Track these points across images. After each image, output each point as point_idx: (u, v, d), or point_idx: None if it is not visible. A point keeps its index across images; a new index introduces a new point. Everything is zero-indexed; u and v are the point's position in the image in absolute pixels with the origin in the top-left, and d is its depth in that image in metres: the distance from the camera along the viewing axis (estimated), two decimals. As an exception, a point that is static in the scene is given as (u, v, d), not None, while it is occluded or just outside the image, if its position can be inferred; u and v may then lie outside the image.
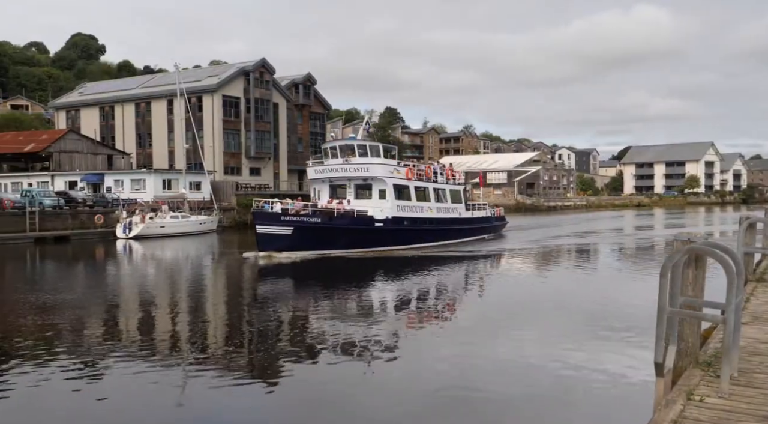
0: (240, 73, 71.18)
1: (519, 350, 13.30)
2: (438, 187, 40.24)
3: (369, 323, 16.32)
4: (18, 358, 13.04)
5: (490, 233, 45.41)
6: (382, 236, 34.03)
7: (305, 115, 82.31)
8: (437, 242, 37.97)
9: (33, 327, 16.17)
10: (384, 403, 10.37)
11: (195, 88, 67.81)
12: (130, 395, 10.78)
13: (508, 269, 29.75)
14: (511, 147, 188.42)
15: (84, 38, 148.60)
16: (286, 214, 31.47)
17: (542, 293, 21.38)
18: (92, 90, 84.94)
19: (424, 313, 18.56)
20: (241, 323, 16.98)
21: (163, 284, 25.24)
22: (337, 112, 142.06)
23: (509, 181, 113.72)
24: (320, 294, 21.54)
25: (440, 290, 22.66)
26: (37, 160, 69.71)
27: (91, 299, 20.76)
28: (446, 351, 13.39)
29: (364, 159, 35.29)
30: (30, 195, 46.76)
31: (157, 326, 16.83)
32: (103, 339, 15.04)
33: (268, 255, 30.67)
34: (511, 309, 18.48)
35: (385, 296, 21.46)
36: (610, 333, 14.57)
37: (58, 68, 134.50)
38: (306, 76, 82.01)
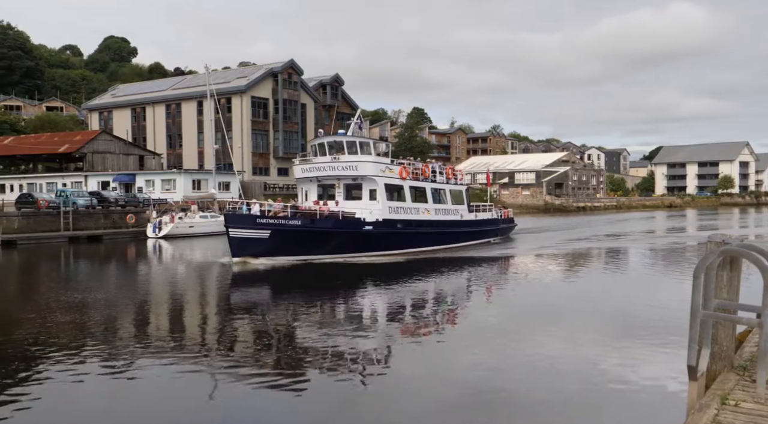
0: (268, 75, 71.80)
1: (546, 353, 13.14)
2: (437, 188, 37.59)
3: (375, 330, 16.07)
4: (53, 354, 13.33)
5: (496, 235, 43.02)
6: (372, 240, 31.47)
7: (333, 115, 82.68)
8: (436, 246, 35.44)
9: (67, 325, 16.51)
10: (411, 407, 10.34)
11: (224, 90, 68.58)
12: (157, 392, 10.94)
13: (521, 272, 27.83)
14: (540, 147, 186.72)
15: (116, 41, 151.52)
16: (263, 216, 29.13)
17: (567, 296, 21.09)
18: (124, 92, 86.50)
19: (436, 317, 18.44)
20: (197, 330, 17.08)
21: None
22: (364, 112, 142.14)
23: (537, 181, 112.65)
24: (301, 303, 19.74)
25: (443, 295, 21.82)
26: (71, 161, 71.25)
27: (121, 298, 21.13)
28: (467, 356, 13.28)
29: (354, 157, 32.54)
30: (64, 195, 47.75)
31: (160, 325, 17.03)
32: (132, 337, 15.30)
33: (242, 261, 28.32)
34: (534, 312, 18.27)
35: (384, 302, 20.09)
36: (641, 336, 14.33)
37: (91, 71, 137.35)
38: (334, 76, 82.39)
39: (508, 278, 25.94)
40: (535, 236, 48.48)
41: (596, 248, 38.18)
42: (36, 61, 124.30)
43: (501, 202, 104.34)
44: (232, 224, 28.25)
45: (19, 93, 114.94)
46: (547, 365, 12.20)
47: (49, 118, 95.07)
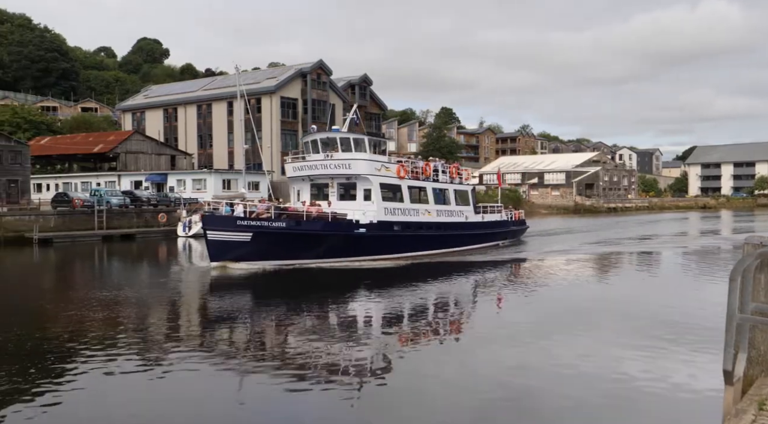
0: (298, 75, 72.30)
1: (574, 356, 12.98)
2: (439, 187, 35.34)
3: (371, 338, 15.75)
4: (86, 350, 13.60)
5: (505, 238, 40.79)
6: (366, 244, 29.47)
7: (361, 115, 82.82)
8: (438, 249, 33.43)
9: (100, 321, 16.85)
10: (438, 414, 10.31)
11: (254, 90, 69.22)
12: (183, 387, 11.10)
13: (533, 276, 26.53)
14: (570, 147, 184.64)
15: (149, 43, 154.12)
16: (244, 217, 27.12)
17: (590, 300, 20.80)
18: (156, 92, 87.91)
19: (450, 321, 18.33)
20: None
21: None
22: (392, 112, 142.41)
23: (567, 182, 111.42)
24: (280, 311, 18.59)
25: (451, 300, 21.06)
26: (105, 161, 72.67)
27: (152, 296, 21.47)
28: (491, 361, 13.18)
29: (347, 155, 30.57)
30: (98, 194, 48.72)
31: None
32: (162, 334, 15.54)
33: (221, 265, 26.60)
34: (557, 316, 18.04)
35: (378, 309, 19.01)
36: (673, 340, 14.07)
37: (124, 72, 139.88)
38: (362, 76, 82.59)
39: (519, 282, 24.74)
40: (551, 238, 46.77)
41: (619, 252, 36.40)
42: (72, 63, 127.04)
43: (530, 202, 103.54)
44: (210, 226, 26.45)
45: (55, 94, 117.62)
46: (576, 369, 12.05)
47: (84, 118, 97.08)
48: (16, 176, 53.15)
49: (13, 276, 28.93)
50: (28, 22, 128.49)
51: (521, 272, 28.49)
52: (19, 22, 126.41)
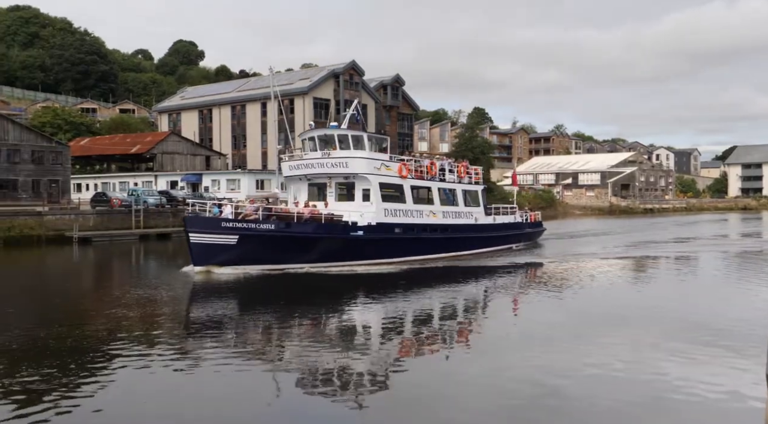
0: (330, 76, 72.66)
1: (608, 361, 12.73)
2: (446, 187, 33.49)
3: (371, 347, 15.34)
4: (123, 347, 13.87)
5: (519, 241, 38.80)
6: (363, 247, 27.87)
7: (393, 115, 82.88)
8: (444, 253, 31.70)
9: (137, 319, 17.17)
10: (469, 415, 10.25)
11: (287, 91, 69.78)
12: (212, 385, 11.23)
13: (551, 281, 25.15)
14: (605, 147, 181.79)
15: (185, 45, 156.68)
16: (229, 219, 25.52)
17: (627, 304, 20.42)
18: (192, 94, 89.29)
19: (471, 325, 18.15)
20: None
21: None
22: (424, 112, 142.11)
23: (602, 182, 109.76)
24: (267, 318, 17.71)
25: (465, 305, 20.21)
26: (142, 161, 74.10)
27: (186, 295, 21.79)
28: (522, 363, 13.03)
29: (345, 152, 29.04)
30: (136, 194, 49.71)
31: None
32: (196, 333, 15.77)
33: (205, 270, 24.93)
34: (588, 320, 17.76)
35: (377, 316, 18.13)
36: (712, 344, 13.73)
37: (161, 74, 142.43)
38: (394, 77, 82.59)
39: (538, 287, 23.40)
40: (576, 240, 45.18)
41: (652, 255, 34.60)
42: (110, 66, 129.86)
43: (564, 203, 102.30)
44: (193, 228, 24.73)
45: (94, 96, 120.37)
46: (610, 373, 11.85)
47: (122, 120, 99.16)
48: (57, 176, 54.61)
49: (55, 275, 29.69)
50: (68, 25, 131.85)
51: (539, 276, 27.04)
52: (60, 26, 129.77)
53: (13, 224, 39.92)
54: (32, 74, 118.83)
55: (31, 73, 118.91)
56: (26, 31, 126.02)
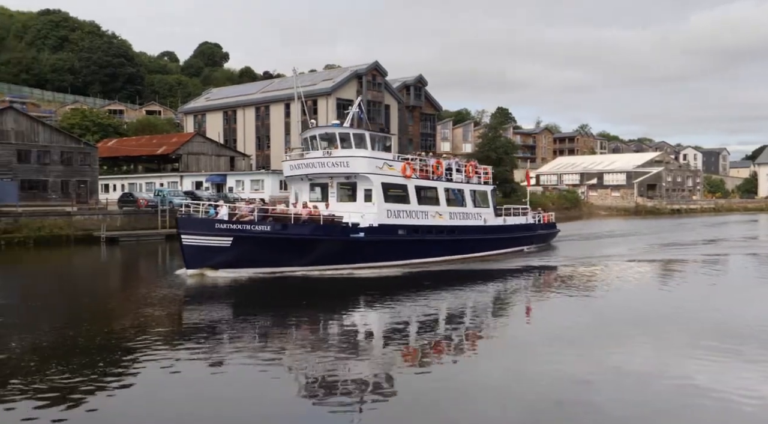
0: (353, 76, 72.85)
1: (634, 364, 12.60)
2: (453, 187, 32.47)
3: (373, 353, 15.18)
4: (149, 346, 14.07)
5: (531, 243, 37.73)
6: (364, 249, 26.95)
7: (416, 116, 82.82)
8: (451, 255, 30.82)
9: (163, 318, 17.39)
10: (491, 418, 10.21)
11: (311, 92, 70.13)
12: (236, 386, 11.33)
13: (564, 284, 24.72)
14: (631, 147, 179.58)
15: (210, 47, 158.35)
16: (223, 220, 24.73)
17: (650, 307, 20.13)
18: (216, 95, 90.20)
19: (486, 328, 18.03)
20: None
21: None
22: (447, 113, 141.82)
23: (628, 182, 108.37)
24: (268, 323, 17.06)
25: (478, 308, 20.35)
26: (168, 162, 75.06)
27: (210, 294, 21.99)
28: (544, 367, 12.93)
29: (346, 151, 28.16)
30: (162, 194, 50.33)
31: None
32: (222, 333, 15.90)
33: (199, 273, 24.16)
34: (611, 322, 17.56)
35: (378, 319, 17.70)
36: (742, 349, 13.49)
37: (186, 75, 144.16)
38: (417, 77, 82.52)
39: (553, 290, 23.06)
40: (593, 242, 43.87)
41: (678, 258, 33.43)
42: (137, 68, 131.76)
43: (588, 204, 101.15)
44: (186, 230, 23.91)
45: (121, 98, 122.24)
46: (636, 377, 11.71)
47: (148, 121, 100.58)
48: (85, 177, 55.57)
49: (83, 274, 30.22)
50: (97, 29, 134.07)
51: (553, 279, 26.43)
52: (89, 29, 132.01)
53: (44, 224, 40.69)
54: (62, 77, 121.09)
55: (60, 76, 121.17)
56: (56, 34, 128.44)
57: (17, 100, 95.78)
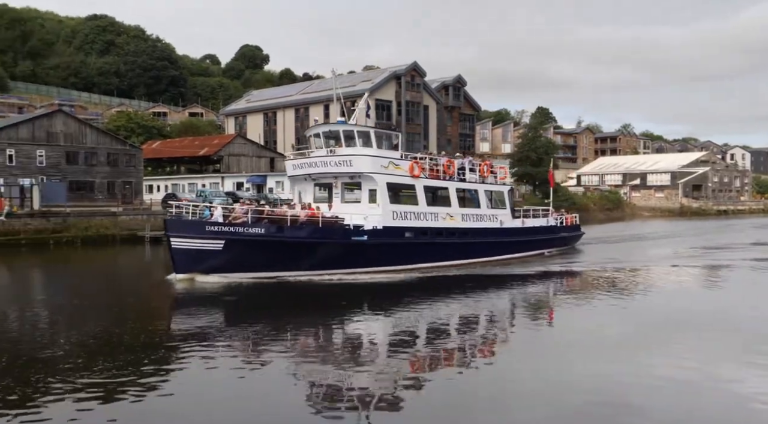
0: (392, 77, 72.90)
1: (674, 370, 12.24)
2: (466, 188, 30.99)
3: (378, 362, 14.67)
4: (191, 344, 14.30)
5: (552, 247, 35.93)
6: (367, 253, 25.46)
7: (455, 116, 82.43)
8: (463, 259, 29.35)
9: (202, 316, 17.64)
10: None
11: (350, 93, 70.40)
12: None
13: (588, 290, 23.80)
14: (675, 147, 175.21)
15: (251, 49, 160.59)
16: (214, 222, 23.48)
17: (694, 311, 19.56)
18: (257, 97, 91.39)
19: (513, 332, 17.72)
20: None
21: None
22: (486, 113, 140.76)
23: (672, 183, 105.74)
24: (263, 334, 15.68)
25: (498, 312, 19.89)
26: (210, 163, 76.35)
27: (248, 294, 22.16)
28: (579, 371, 12.68)
29: (350, 150, 26.77)
30: (203, 195, 51.22)
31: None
32: (263, 333, 16.04)
33: (189, 278, 22.95)
34: (653, 328, 17.09)
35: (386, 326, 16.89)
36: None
37: (228, 78, 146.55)
38: (456, 77, 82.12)
39: (580, 295, 22.08)
40: (628, 245, 41.70)
41: (723, 263, 31.32)
42: (180, 71, 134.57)
43: (631, 204, 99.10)
44: (174, 232, 22.79)
45: (165, 100, 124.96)
46: (679, 383, 11.39)
47: (191, 123, 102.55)
48: (130, 178, 56.98)
49: (128, 273, 30.99)
50: (141, 33, 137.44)
51: (581, 283, 25.57)
52: (134, 33, 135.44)
53: (90, 223, 41.83)
54: (108, 80, 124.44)
55: (107, 80, 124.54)
56: (103, 39, 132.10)
57: (66, 104, 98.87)
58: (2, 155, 49.31)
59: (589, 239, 42.37)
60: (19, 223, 39.67)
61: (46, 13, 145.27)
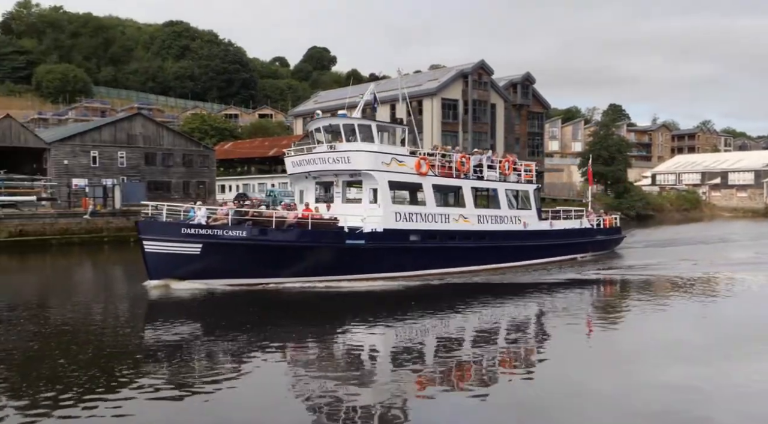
0: (459, 76, 72.37)
1: (752, 377, 11.56)
2: (483, 186, 28.87)
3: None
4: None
5: (585, 251, 33.19)
6: (365, 258, 23.31)
7: (523, 115, 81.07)
8: (479, 265, 26.97)
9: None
10: None
11: (416, 93, 70.37)
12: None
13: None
14: (760, 144, 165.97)
15: (318, 51, 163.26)
16: (191, 225, 21.49)
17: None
18: (324, 98, 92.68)
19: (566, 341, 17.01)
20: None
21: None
22: (556, 111, 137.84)
23: (757, 182, 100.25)
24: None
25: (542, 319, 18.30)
26: (279, 163, 77.81)
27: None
28: (654, 380, 12.14)
29: (348, 145, 24.67)
30: (273, 194, 52.34)
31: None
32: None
33: (163, 284, 21.24)
34: (731, 339, 16.19)
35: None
36: None
37: (296, 79, 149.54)
38: (524, 75, 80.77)
39: (614, 306, 20.41)
40: (693, 248, 37.50)
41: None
42: (251, 73, 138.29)
43: (710, 204, 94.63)
44: (148, 235, 21.08)
45: (236, 102, 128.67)
46: (757, 391, 10.75)
47: (261, 124, 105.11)
48: (204, 178, 58.99)
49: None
50: (215, 37, 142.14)
51: (621, 291, 23.75)
52: (208, 38, 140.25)
53: (167, 222, 43.50)
54: (183, 84, 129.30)
55: (182, 83, 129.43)
56: (178, 44, 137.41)
57: (144, 107, 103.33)
58: (87, 157, 51.99)
59: (660, 240, 40.04)
60: (102, 221, 41.75)
61: (126, 20, 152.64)
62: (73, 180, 50.63)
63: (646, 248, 38.94)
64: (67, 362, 12.68)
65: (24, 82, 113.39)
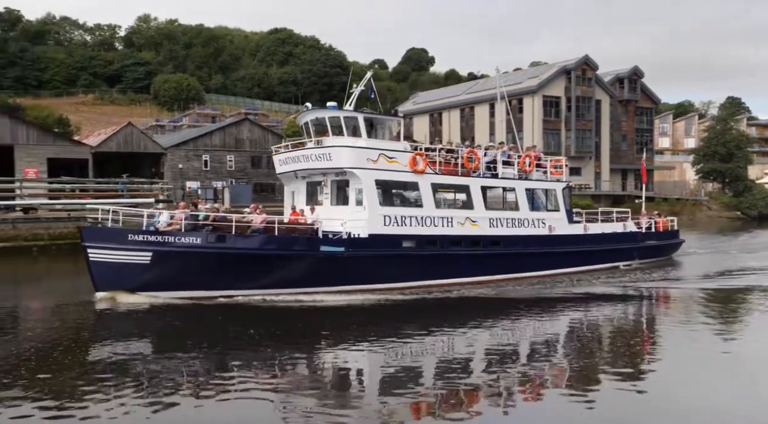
0: (561, 72, 70.35)
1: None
2: (497, 185, 25.73)
3: None
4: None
5: (631, 258, 29.41)
6: (344, 268, 20.61)
7: (630, 110, 77.59)
8: (492, 275, 23.98)
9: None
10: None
11: (515, 91, 69.12)
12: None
13: None
14: None
15: (417, 52, 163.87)
16: (140, 231, 19.13)
17: None
18: (423, 99, 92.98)
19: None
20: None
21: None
22: (666, 106, 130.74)
23: None
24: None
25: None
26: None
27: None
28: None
29: (333, 140, 22.41)
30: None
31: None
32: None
33: (110, 296, 18.94)
34: None
35: None
36: None
37: (395, 81, 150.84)
38: (632, 69, 77.29)
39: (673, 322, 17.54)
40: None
41: None
42: (350, 76, 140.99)
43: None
44: (92, 242, 18.78)
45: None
46: None
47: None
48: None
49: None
50: (316, 42, 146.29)
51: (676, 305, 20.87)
52: (310, 43, 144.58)
53: (272, 222, 45.26)
54: (287, 89, 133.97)
55: (286, 88, 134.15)
56: (282, 50, 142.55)
57: (251, 112, 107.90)
58: (199, 161, 55.08)
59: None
60: (212, 221, 43.99)
61: (235, 29, 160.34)
62: (187, 183, 53.81)
63: (713, 254, 34.61)
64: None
65: (143, 92, 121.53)
